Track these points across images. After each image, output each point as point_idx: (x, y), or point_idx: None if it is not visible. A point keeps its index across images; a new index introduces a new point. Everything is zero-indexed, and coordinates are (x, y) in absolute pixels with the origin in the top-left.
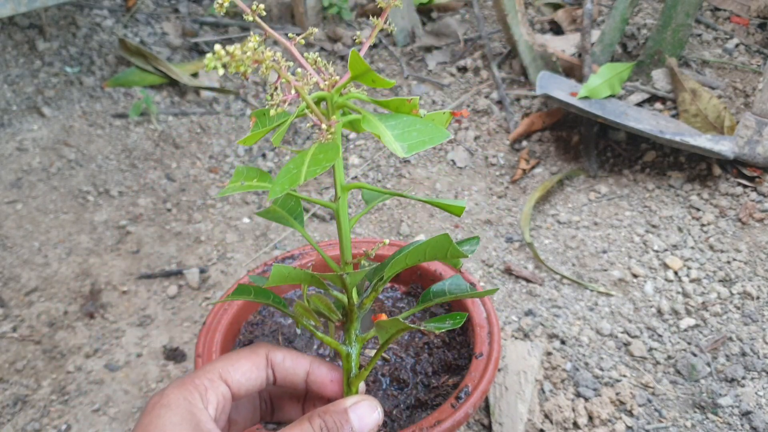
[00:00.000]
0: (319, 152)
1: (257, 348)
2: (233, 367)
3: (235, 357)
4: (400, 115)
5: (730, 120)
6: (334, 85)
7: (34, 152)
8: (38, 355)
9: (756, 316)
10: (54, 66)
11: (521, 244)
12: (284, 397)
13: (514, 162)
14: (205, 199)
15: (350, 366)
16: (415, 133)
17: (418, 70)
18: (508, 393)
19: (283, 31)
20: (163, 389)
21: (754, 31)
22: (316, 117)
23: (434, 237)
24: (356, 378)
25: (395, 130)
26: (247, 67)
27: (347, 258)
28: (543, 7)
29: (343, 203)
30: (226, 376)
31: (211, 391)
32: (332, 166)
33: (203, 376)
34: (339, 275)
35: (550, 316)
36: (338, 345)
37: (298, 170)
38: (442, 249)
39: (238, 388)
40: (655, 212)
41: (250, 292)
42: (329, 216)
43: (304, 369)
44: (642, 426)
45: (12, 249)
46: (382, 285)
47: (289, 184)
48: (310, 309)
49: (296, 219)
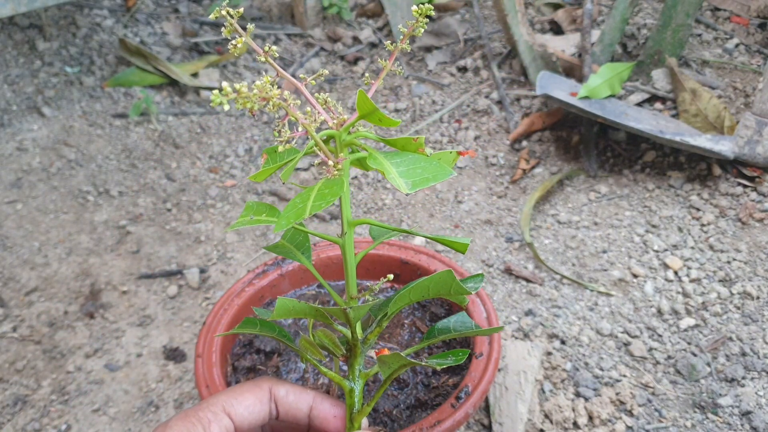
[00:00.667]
0: (325, 187)
1: (261, 382)
2: (237, 400)
3: (239, 390)
4: (406, 153)
5: (730, 120)
6: (343, 124)
7: (34, 152)
8: (38, 355)
9: (756, 316)
10: (54, 66)
11: (521, 244)
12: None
13: (514, 162)
14: (205, 199)
15: (353, 402)
16: (420, 170)
17: (418, 70)
18: (508, 393)
19: (283, 31)
20: (167, 421)
21: (754, 31)
22: (324, 154)
23: (438, 273)
24: (359, 414)
25: (400, 167)
26: (254, 104)
27: (352, 293)
28: (543, 7)
29: (350, 239)
30: (230, 410)
31: (215, 424)
32: (340, 202)
33: (207, 408)
34: (343, 309)
35: (550, 316)
36: (342, 380)
37: (304, 205)
38: (445, 286)
39: (241, 421)
40: (655, 212)
41: (256, 325)
42: (329, 216)
43: (308, 404)
44: (642, 426)
45: (12, 249)
46: (387, 320)
47: (295, 218)
48: (315, 343)
49: (304, 254)
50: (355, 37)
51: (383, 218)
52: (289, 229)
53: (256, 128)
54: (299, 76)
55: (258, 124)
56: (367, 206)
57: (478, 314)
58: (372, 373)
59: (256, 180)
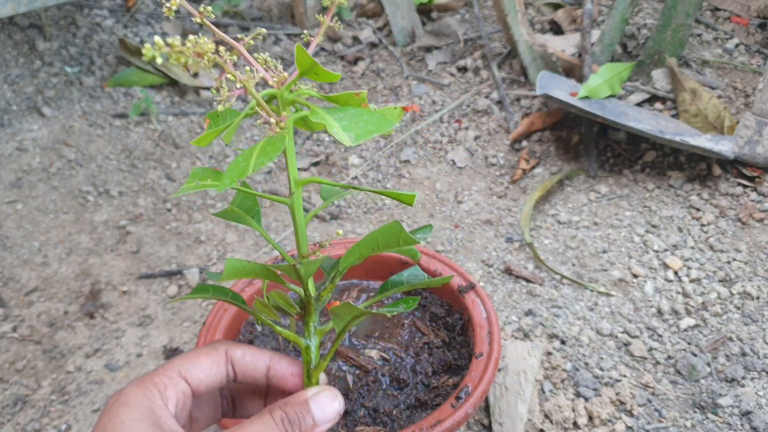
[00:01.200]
0: (268, 144)
1: (217, 345)
2: (192, 364)
3: (195, 354)
4: (349, 108)
5: (730, 120)
6: (284, 82)
7: (34, 152)
8: (38, 355)
9: (756, 316)
10: (54, 66)
11: (521, 244)
12: (246, 394)
13: (514, 162)
14: (205, 199)
15: (310, 358)
16: (362, 123)
17: (418, 70)
18: (508, 393)
19: (283, 30)
20: (122, 388)
21: (754, 31)
22: (266, 113)
23: (386, 224)
24: (316, 369)
25: (343, 121)
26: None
27: (303, 251)
28: (543, 7)
29: (298, 198)
30: (186, 373)
31: (171, 388)
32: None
33: (162, 373)
34: (293, 266)
35: (550, 316)
36: (297, 338)
37: (247, 162)
38: (394, 236)
39: (198, 384)
40: (655, 212)
41: (209, 291)
42: (329, 216)
43: (265, 364)
44: (642, 426)
45: (12, 249)
46: (339, 276)
47: (238, 176)
48: (270, 305)
49: (253, 218)
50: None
51: (383, 218)
52: (238, 194)
53: (256, 128)
54: (237, 37)
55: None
56: (367, 206)
57: (478, 314)
58: (327, 329)
59: (199, 144)
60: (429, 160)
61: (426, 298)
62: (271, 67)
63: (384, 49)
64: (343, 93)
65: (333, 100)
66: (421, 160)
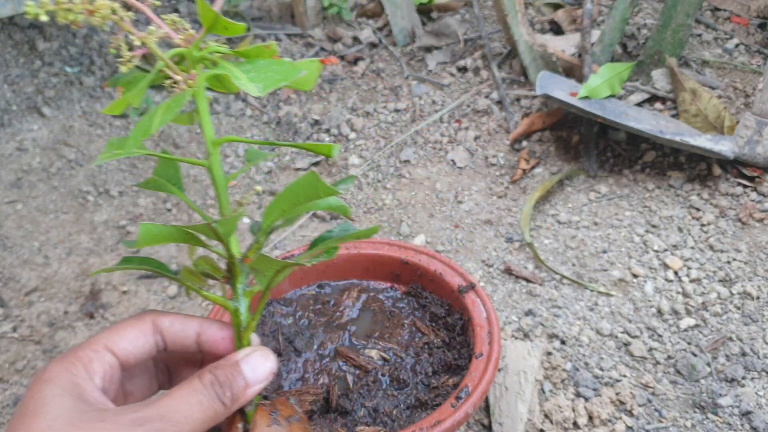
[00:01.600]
0: (172, 102)
1: (143, 315)
2: (118, 335)
3: (121, 326)
4: (258, 60)
5: (730, 120)
6: (191, 40)
7: (34, 152)
8: (38, 355)
9: (756, 316)
10: (54, 66)
11: (521, 244)
12: (180, 363)
13: (514, 162)
14: (205, 199)
15: (240, 321)
16: (271, 73)
17: (418, 70)
18: (508, 393)
19: (283, 30)
20: (45, 365)
21: (754, 31)
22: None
23: (302, 176)
24: (246, 331)
25: (250, 73)
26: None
27: (225, 212)
28: (543, 7)
29: (215, 159)
30: (112, 346)
31: (96, 361)
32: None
33: (86, 347)
34: (208, 225)
35: (550, 316)
36: (225, 301)
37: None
38: (313, 188)
39: (125, 356)
40: (655, 212)
41: (133, 261)
42: (329, 216)
43: (194, 330)
44: (642, 426)
45: (12, 249)
46: (264, 236)
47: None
48: (196, 271)
49: (175, 185)
50: (355, 37)
51: (383, 218)
52: (160, 163)
53: (256, 128)
54: None
55: (258, 125)
56: (367, 206)
57: (478, 314)
58: (256, 290)
59: (111, 113)
60: (429, 160)
61: (426, 298)
62: (179, 27)
63: (384, 49)
64: (253, 47)
65: (243, 55)
66: (421, 160)
